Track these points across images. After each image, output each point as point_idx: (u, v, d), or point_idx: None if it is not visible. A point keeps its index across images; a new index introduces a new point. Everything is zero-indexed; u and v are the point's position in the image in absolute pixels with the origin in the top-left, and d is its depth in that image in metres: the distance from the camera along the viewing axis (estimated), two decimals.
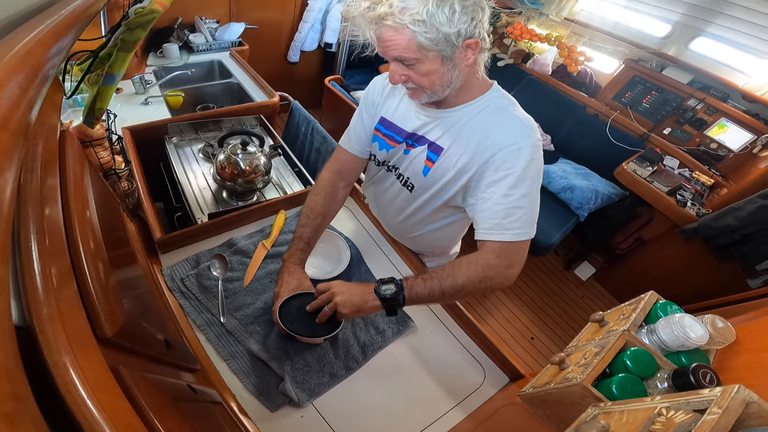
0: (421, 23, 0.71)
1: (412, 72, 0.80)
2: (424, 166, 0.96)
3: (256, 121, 1.80)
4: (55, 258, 0.41)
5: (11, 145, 0.31)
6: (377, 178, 1.14)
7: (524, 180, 0.82)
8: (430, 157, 0.94)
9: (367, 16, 0.73)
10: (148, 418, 0.39)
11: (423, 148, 0.95)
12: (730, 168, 2.37)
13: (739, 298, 1.54)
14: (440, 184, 0.95)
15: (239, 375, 0.88)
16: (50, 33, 0.43)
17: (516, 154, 0.82)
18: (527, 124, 0.86)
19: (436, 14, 0.70)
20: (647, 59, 2.70)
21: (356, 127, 1.08)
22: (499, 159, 0.83)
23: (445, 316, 1.12)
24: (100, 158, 1.09)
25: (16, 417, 0.21)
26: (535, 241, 0.97)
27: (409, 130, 0.97)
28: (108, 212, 0.76)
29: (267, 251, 1.13)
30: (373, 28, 0.75)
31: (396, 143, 1.00)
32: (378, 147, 1.04)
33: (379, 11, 0.72)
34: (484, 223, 0.85)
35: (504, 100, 0.90)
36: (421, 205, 1.04)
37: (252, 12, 2.79)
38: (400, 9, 0.71)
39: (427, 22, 0.71)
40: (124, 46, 0.91)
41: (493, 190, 0.84)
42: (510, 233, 0.82)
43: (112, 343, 0.43)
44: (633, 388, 0.63)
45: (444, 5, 0.70)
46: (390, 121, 1.00)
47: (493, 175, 0.84)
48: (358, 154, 1.10)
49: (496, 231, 0.83)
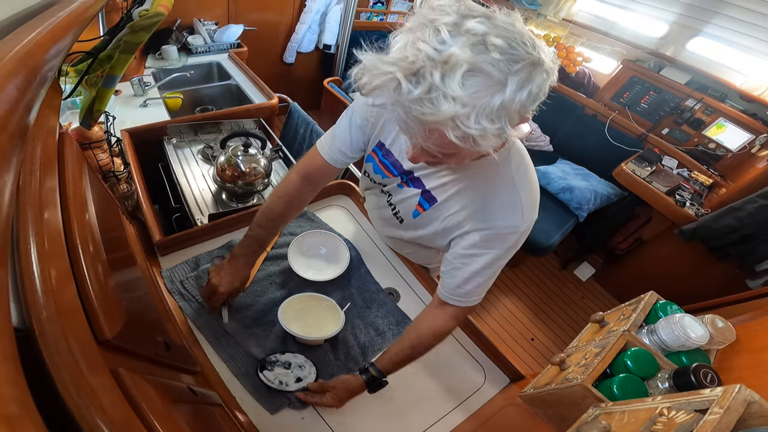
0: (490, 133, 0.50)
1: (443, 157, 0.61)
2: (415, 209, 0.90)
3: (255, 124, 1.80)
4: (54, 260, 0.40)
5: (9, 147, 0.31)
6: (373, 192, 1.06)
7: (499, 260, 0.80)
8: (421, 203, 0.88)
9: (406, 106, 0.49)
10: (148, 421, 0.39)
11: (417, 192, 0.87)
12: (729, 168, 2.37)
13: (739, 298, 1.54)
14: (427, 230, 0.90)
15: (239, 377, 0.88)
16: (49, 35, 0.43)
17: (503, 239, 0.77)
18: (532, 204, 0.77)
19: (509, 108, 0.49)
20: (645, 59, 2.70)
21: (342, 137, 0.90)
22: (485, 236, 0.78)
23: None
24: (99, 160, 1.09)
25: (16, 419, 0.21)
26: (534, 242, 0.98)
27: (406, 168, 0.86)
28: (107, 214, 0.76)
29: (267, 253, 1.13)
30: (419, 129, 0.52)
31: (392, 175, 0.90)
32: (372, 169, 0.93)
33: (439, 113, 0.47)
34: (450, 288, 0.85)
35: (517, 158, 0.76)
36: (412, 237, 1.00)
37: (250, 14, 2.79)
38: (466, 112, 0.47)
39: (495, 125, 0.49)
40: (127, 48, 0.91)
41: (467, 262, 0.81)
42: (471, 301, 0.85)
43: (111, 346, 0.43)
44: (634, 389, 0.63)
45: (522, 92, 0.49)
46: (389, 150, 0.86)
47: (472, 249, 0.80)
48: (334, 164, 0.93)
49: (461, 298, 0.84)
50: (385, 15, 3.62)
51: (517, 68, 0.48)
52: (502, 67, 0.47)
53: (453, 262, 0.83)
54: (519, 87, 0.48)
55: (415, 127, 0.52)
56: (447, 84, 0.46)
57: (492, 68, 0.47)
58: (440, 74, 0.46)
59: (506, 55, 0.47)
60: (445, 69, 0.46)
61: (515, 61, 0.47)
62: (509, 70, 0.47)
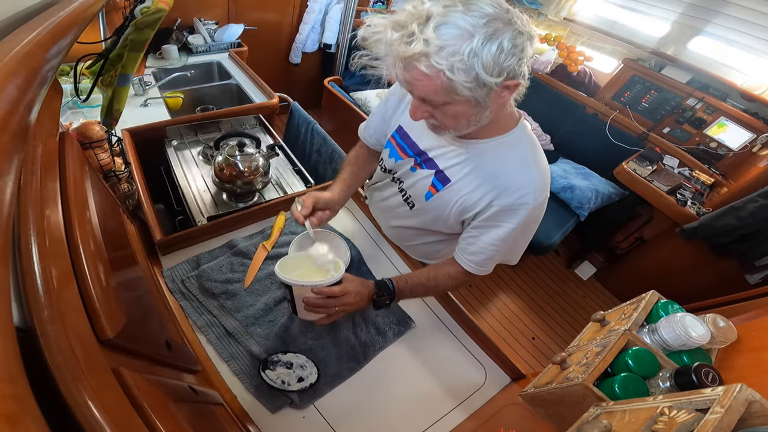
0: (460, 70, 0.60)
1: (438, 112, 0.72)
2: (428, 191, 0.93)
3: (256, 121, 1.80)
4: (56, 259, 0.40)
5: (11, 147, 0.31)
6: (381, 185, 1.13)
7: (513, 236, 0.85)
8: (435, 184, 0.91)
9: (395, 49, 0.62)
10: (149, 420, 0.39)
11: (431, 172, 0.91)
12: (730, 167, 2.37)
13: (741, 297, 1.54)
14: (440, 212, 0.94)
15: (240, 376, 0.88)
16: (49, 34, 0.43)
17: (515, 212, 0.82)
18: (542, 180, 0.81)
19: (480, 55, 0.59)
20: (646, 59, 2.70)
21: (372, 124, 1.08)
22: (498, 209, 0.83)
23: (445, 317, 1.12)
24: (99, 160, 1.09)
25: (18, 419, 0.21)
26: (535, 241, 0.99)
27: (421, 147, 0.92)
28: (108, 214, 0.76)
29: (267, 252, 1.13)
30: (401, 65, 0.64)
31: (406, 156, 0.96)
32: (388, 154, 1.01)
33: (412, 49, 0.59)
34: (465, 253, 0.92)
35: (528, 142, 0.83)
36: (419, 223, 1.04)
37: (251, 13, 2.78)
38: (437, 48, 0.59)
39: (468, 67, 0.60)
40: (134, 46, 0.92)
41: (481, 232, 0.88)
42: (483, 270, 0.93)
43: (113, 345, 0.43)
44: (635, 388, 0.63)
45: (491, 43, 0.59)
46: (406, 132, 0.96)
47: (487, 222, 0.86)
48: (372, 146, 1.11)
49: (472, 265, 0.91)
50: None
51: (483, 22, 0.59)
52: (470, 20, 0.59)
53: (469, 232, 0.91)
54: (487, 38, 0.59)
55: (400, 67, 0.64)
56: (423, 31, 0.59)
57: (461, 21, 0.59)
58: (417, 23, 0.60)
59: (474, 12, 0.59)
60: (421, 20, 0.60)
61: (481, 17, 0.59)
62: (476, 23, 0.59)
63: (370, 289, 0.88)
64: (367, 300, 0.88)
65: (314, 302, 0.81)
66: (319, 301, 0.81)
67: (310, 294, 0.81)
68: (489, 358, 1.05)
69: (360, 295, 0.85)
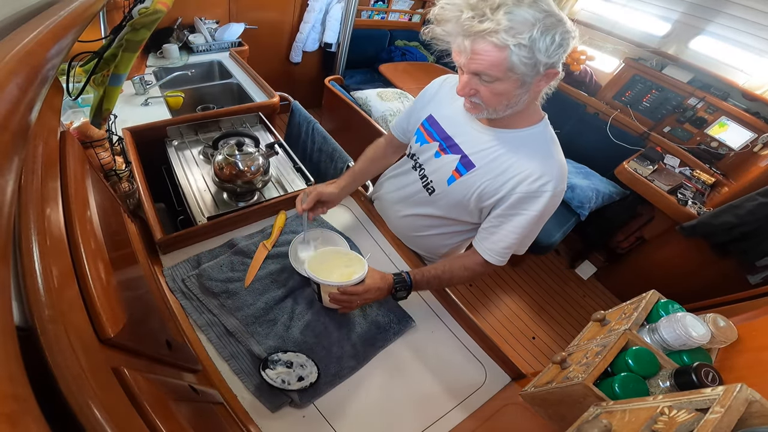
0: (524, 47, 0.69)
1: (485, 88, 0.78)
2: (451, 175, 0.97)
3: (256, 120, 1.80)
4: (57, 258, 0.41)
5: (11, 146, 0.31)
6: (398, 173, 1.18)
7: (532, 223, 0.90)
8: (459, 169, 0.96)
9: (465, 26, 0.70)
10: (149, 419, 0.39)
11: (456, 157, 0.96)
12: (731, 166, 2.36)
13: (741, 297, 1.54)
14: (460, 197, 0.97)
15: (240, 375, 0.88)
16: (50, 34, 0.43)
17: (535, 200, 0.87)
18: (562, 172, 0.88)
19: (538, 41, 0.68)
20: (647, 58, 2.69)
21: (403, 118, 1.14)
22: (519, 197, 0.87)
23: (446, 316, 1.12)
24: (100, 159, 1.09)
25: (18, 418, 0.21)
26: (535, 241, 0.99)
27: (448, 132, 0.98)
28: (109, 213, 0.76)
29: (268, 251, 1.13)
30: (470, 39, 0.71)
31: (432, 140, 1.01)
32: (415, 140, 1.07)
33: (484, 26, 0.68)
34: (484, 242, 0.97)
35: (551, 137, 0.91)
36: (436, 210, 1.06)
37: (251, 12, 2.78)
38: (506, 28, 0.67)
39: (529, 47, 0.69)
40: (129, 47, 0.91)
41: (503, 221, 0.92)
42: (501, 260, 0.96)
43: (113, 344, 0.43)
44: (635, 387, 0.63)
45: (549, 34, 0.69)
46: (436, 120, 1.02)
47: (508, 210, 0.90)
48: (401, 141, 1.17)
49: (490, 255, 0.96)
50: (386, 13, 3.60)
51: (543, 16, 0.69)
52: (533, 12, 0.68)
53: (491, 221, 0.95)
54: (545, 29, 0.69)
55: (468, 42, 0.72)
56: (495, 13, 0.68)
57: (526, 12, 0.68)
58: (490, 8, 0.68)
59: (537, 7, 0.69)
60: (493, 6, 0.69)
61: (542, 12, 0.69)
62: (538, 16, 0.68)
63: (389, 284, 0.96)
64: (386, 293, 0.96)
65: (339, 298, 0.90)
66: (343, 297, 0.90)
67: (335, 290, 0.90)
68: (489, 358, 1.05)
69: (380, 290, 0.94)
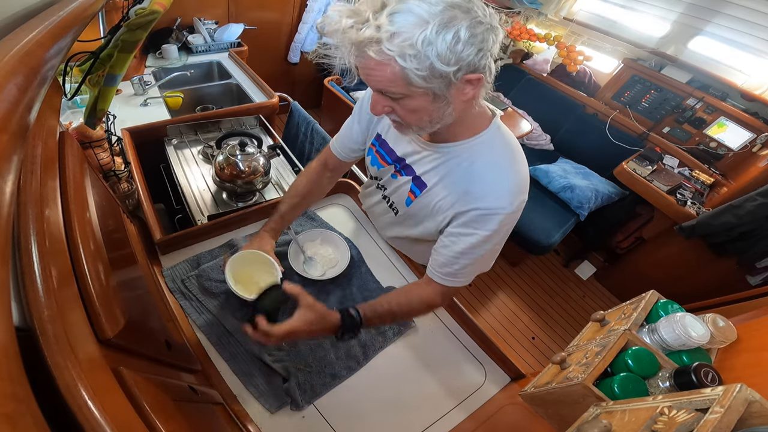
0: (412, 57, 0.57)
1: (398, 105, 0.68)
2: (407, 197, 0.92)
3: (256, 121, 1.80)
4: (56, 259, 0.40)
5: (10, 146, 0.31)
6: (370, 191, 1.12)
7: (486, 242, 0.80)
8: (413, 189, 0.90)
9: (348, 36, 0.58)
10: (149, 419, 0.39)
11: (408, 179, 0.90)
12: (730, 167, 2.37)
13: (740, 297, 1.54)
14: (421, 217, 0.92)
15: (240, 376, 0.88)
16: (49, 34, 0.43)
17: (489, 219, 0.77)
18: (518, 186, 0.78)
19: (434, 44, 0.56)
20: (646, 58, 2.70)
21: (345, 134, 1.02)
22: (472, 216, 0.79)
23: (445, 316, 1.12)
24: (99, 159, 1.09)
25: (18, 418, 0.21)
26: (535, 241, 0.98)
27: (398, 154, 0.91)
28: (108, 213, 0.76)
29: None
30: (354, 53, 0.61)
31: (386, 164, 0.94)
32: (371, 162, 0.99)
33: (363, 34, 0.56)
34: (437, 265, 0.86)
35: (502, 143, 0.80)
36: (407, 230, 1.02)
37: (251, 13, 2.78)
38: (389, 35, 0.56)
39: (421, 55, 0.57)
40: (125, 47, 0.91)
41: (454, 241, 0.83)
42: (457, 281, 0.86)
43: (112, 344, 0.43)
44: (635, 388, 0.63)
45: (447, 32, 0.56)
46: (384, 139, 0.94)
47: (460, 228, 0.82)
48: (342, 159, 1.05)
49: (447, 278, 0.85)
50: None
51: (440, 9, 0.56)
52: (425, 8, 0.56)
53: (442, 241, 0.86)
54: (442, 26, 0.56)
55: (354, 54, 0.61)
56: (377, 17, 0.57)
57: (417, 8, 0.56)
58: (372, 11, 0.57)
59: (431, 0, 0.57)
60: (376, 7, 0.57)
61: (437, 4, 0.56)
62: (432, 11, 0.56)
63: (333, 324, 0.81)
64: (329, 333, 0.82)
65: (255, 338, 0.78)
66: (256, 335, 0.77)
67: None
68: (489, 358, 1.05)
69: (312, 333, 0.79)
